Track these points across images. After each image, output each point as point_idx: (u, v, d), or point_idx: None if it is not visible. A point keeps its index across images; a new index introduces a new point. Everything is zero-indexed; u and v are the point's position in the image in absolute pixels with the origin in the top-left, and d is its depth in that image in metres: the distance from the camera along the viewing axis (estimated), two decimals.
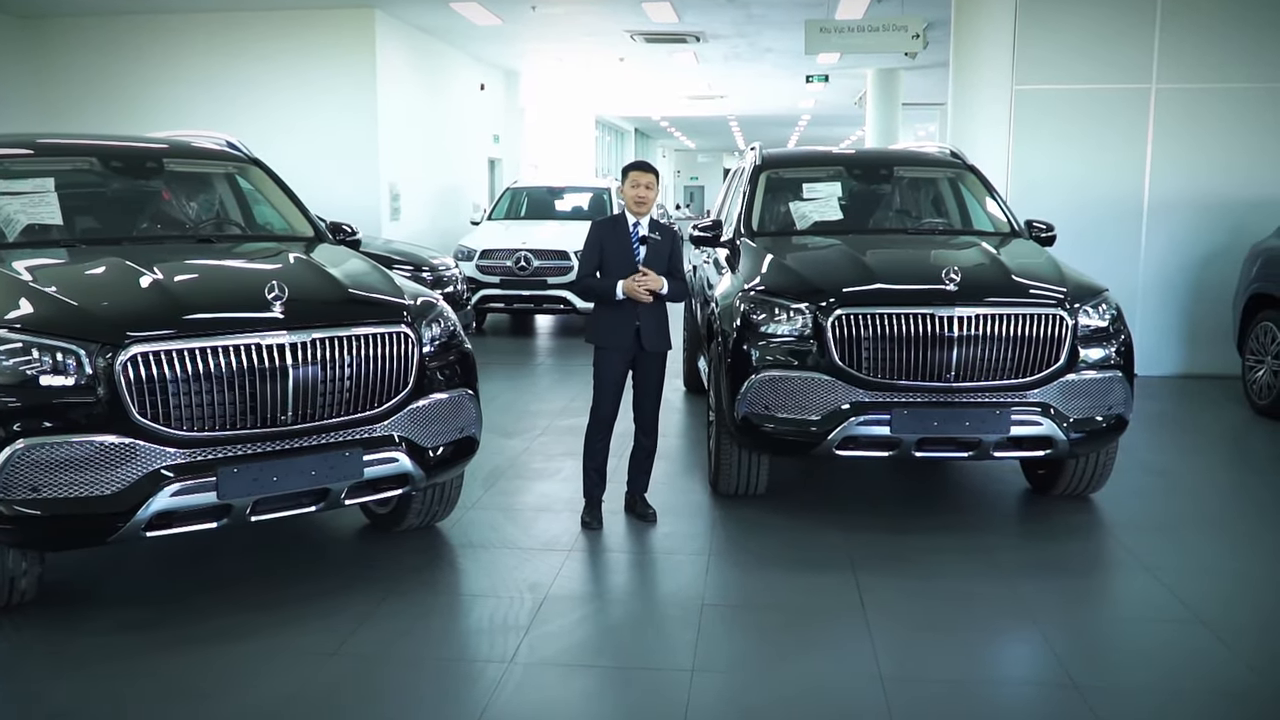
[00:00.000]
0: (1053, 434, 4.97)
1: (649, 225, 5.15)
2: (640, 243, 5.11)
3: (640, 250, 5.10)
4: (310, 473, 4.03)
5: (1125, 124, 9.30)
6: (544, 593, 4.38)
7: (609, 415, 5.23)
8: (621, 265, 5.08)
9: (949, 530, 5.20)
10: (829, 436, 4.98)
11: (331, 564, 4.75)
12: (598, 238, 5.16)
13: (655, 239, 5.14)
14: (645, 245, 5.11)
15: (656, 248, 5.13)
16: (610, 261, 5.11)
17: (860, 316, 4.96)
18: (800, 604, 4.30)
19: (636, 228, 5.14)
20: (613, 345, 5.13)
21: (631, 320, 5.08)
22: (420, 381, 4.39)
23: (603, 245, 5.12)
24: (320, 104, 12.65)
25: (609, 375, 5.18)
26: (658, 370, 5.24)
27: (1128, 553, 4.90)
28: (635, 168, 5.16)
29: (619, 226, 5.16)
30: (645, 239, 5.12)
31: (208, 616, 4.11)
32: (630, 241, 5.11)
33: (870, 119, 19.22)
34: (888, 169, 6.90)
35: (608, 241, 5.12)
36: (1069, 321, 5.01)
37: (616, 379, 5.18)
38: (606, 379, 5.18)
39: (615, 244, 5.11)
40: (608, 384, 5.19)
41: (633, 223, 5.14)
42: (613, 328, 5.12)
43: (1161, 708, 3.45)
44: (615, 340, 5.12)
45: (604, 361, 5.17)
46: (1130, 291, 9.31)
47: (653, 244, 5.12)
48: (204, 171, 5.76)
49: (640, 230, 5.14)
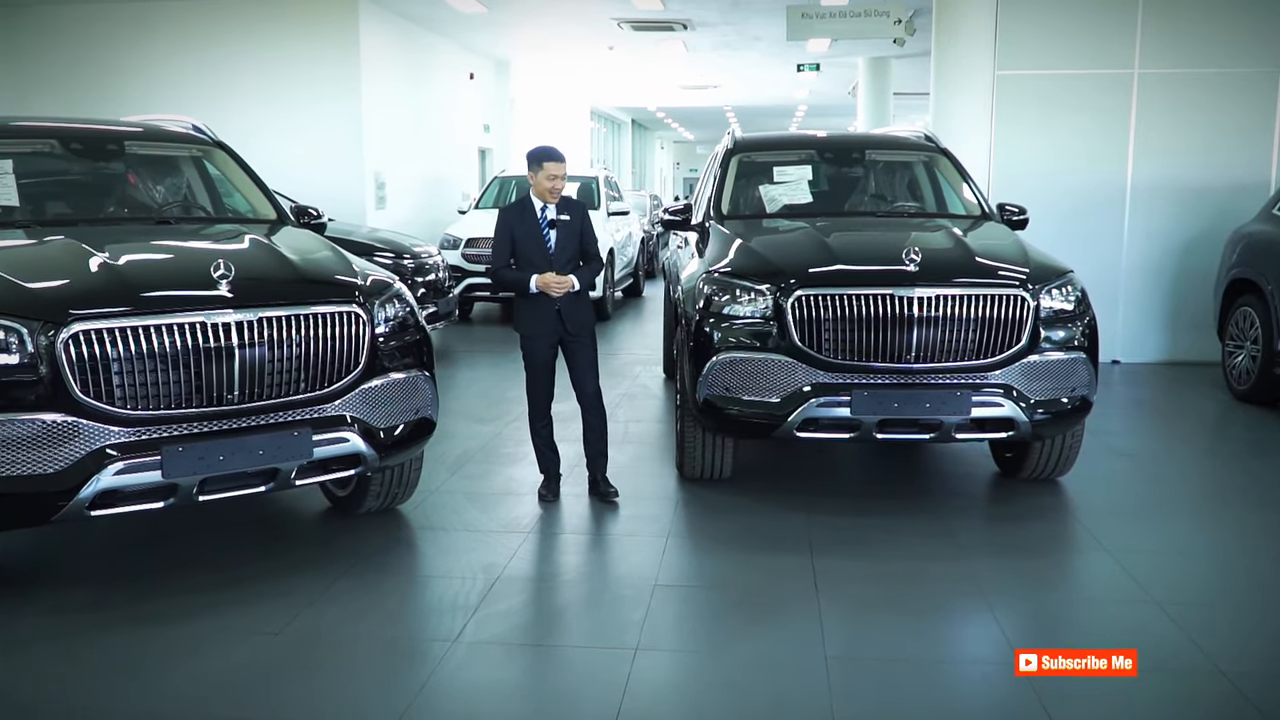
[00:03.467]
0: (1015, 415, 4.94)
1: (557, 206, 5.15)
2: (550, 226, 5.12)
3: (550, 234, 5.12)
4: (258, 452, 4.01)
5: (1108, 109, 9.25)
6: (497, 574, 4.36)
7: (544, 398, 5.30)
8: (533, 251, 5.09)
9: (913, 513, 5.17)
10: (789, 418, 4.95)
11: (288, 546, 4.73)
12: (506, 226, 5.15)
13: (564, 220, 5.15)
14: (555, 229, 5.13)
15: (567, 228, 5.15)
16: (522, 249, 5.12)
17: (820, 297, 4.93)
18: (753, 585, 4.28)
19: (545, 211, 5.14)
20: (537, 333, 5.16)
21: (552, 306, 5.10)
22: (373, 362, 4.37)
23: (513, 233, 5.12)
24: (303, 92, 12.60)
25: (537, 360, 5.22)
26: (588, 348, 5.27)
27: (1089, 535, 4.88)
28: (551, 158, 5.11)
29: (526, 212, 5.15)
30: (555, 222, 5.13)
31: (155, 596, 4.09)
32: (539, 227, 5.12)
33: (862, 109, 19.15)
34: (860, 153, 6.86)
35: (517, 229, 5.12)
36: (1030, 303, 4.97)
37: (545, 362, 5.23)
38: (535, 363, 5.23)
39: (525, 231, 5.11)
40: (538, 368, 5.24)
41: (540, 207, 5.14)
42: (535, 315, 5.14)
43: (1103, 686, 3.43)
44: (539, 328, 5.15)
45: (531, 348, 5.21)
46: (1113, 277, 9.29)
47: (562, 226, 5.14)
48: (168, 155, 5.73)
49: (549, 214, 5.14)
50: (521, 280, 5.06)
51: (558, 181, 5.10)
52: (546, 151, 5.15)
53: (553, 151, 5.17)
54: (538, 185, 5.12)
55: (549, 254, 5.12)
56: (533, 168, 5.14)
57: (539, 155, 5.13)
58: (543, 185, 5.10)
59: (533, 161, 5.14)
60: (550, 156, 5.12)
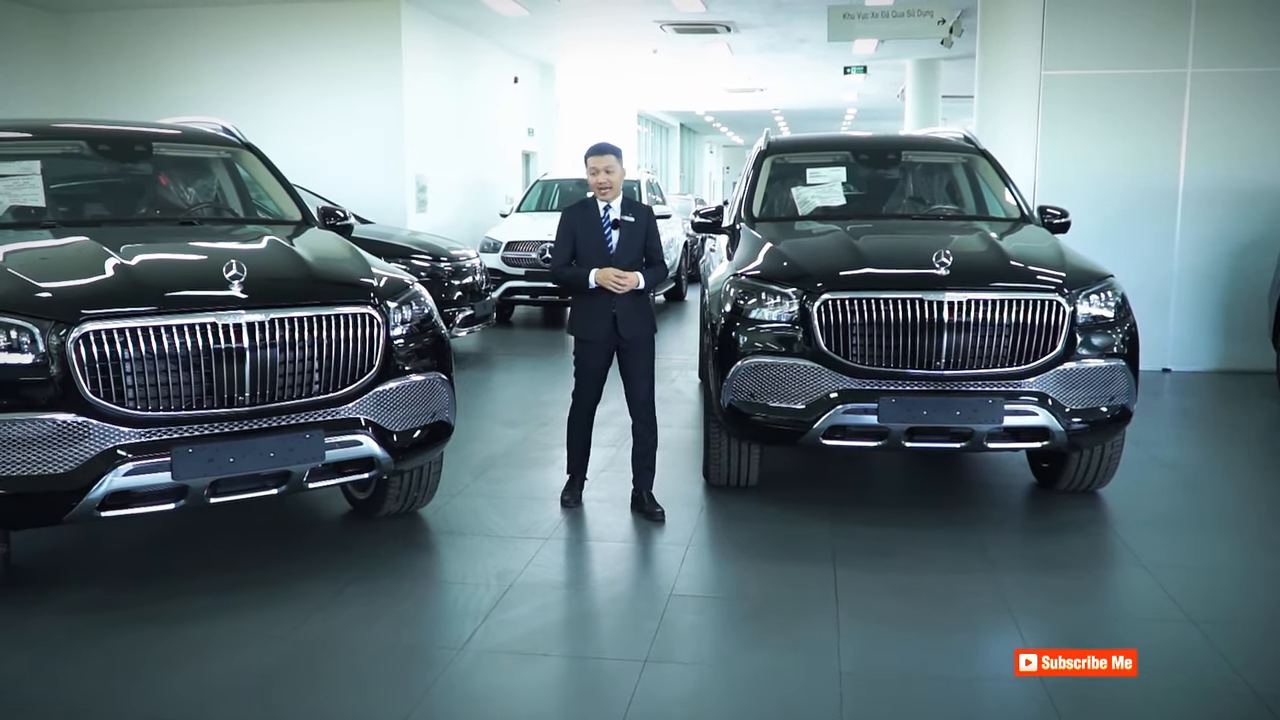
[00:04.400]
0: (1050, 424, 4.77)
1: (622, 206, 4.98)
2: (612, 227, 4.95)
3: (613, 235, 4.94)
4: (269, 454, 3.97)
5: (1159, 110, 8.98)
6: (511, 580, 4.29)
7: (589, 404, 5.13)
8: (595, 252, 4.93)
9: (943, 524, 5.02)
10: (815, 425, 4.82)
11: (304, 548, 4.70)
12: (569, 226, 5.00)
13: (628, 221, 4.97)
14: (618, 229, 4.95)
15: (630, 230, 4.96)
16: (584, 249, 4.96)
17: (847, 302, 4.80)
18: (772, 595, 4.17)
19: (608, 211, 4.97)
20: (591, 336, 4.99)
21: (608, 309, 4.93)
22: (388, 364, 4.32)
23: (575, 233, 4.97)
24: (346, 96, 12.68)
25: (590, 364, 5.05)
26: (644, 358, 5.07)
27: (1126, 549, 4.70)
28: (592, 152, 4.97)
29: (589, 212, 4.99)
30: (618, 222, 4.95)
31: (167, 597, 4.07)
32: (602, 227, 4.95)
33: (910, 112, 18.89)
34: (896, 154, 6.70)
35: (579, 229, 4.96)
36: (1066, 308, 4.80)
37: (598, 368, 5.05)
38: (587, 368, 5.06)
39: (586, 231, 4.95)
40: (589, 373, 5.07)
41: (603, 207, 4.97)
42: (590, 318, 4.98)
43: (1131, 706, 3.27)
44: (593, 331, 4.98)
45: (584, 352, 5.04)
46: (1164, 282, 9.03)
47: (625, 227, 4.95)
48: (197, 156, 5.75)
49: (612, 214, 4.97)
50: (580, 276, 4.90)
51: (602, 175, 4.91)
52: (590, 147, 5.02)
53: (597, 145, 5.01)
54: (590, 182, 4.98)
55: (609, 254, 4.93)
56: (585, 165, 5.03)
57: (585, 152, 5.03)
58: (590, 182, 4.96)
59: (583, 159, 5.05)
60: (593, 150, 4.97)
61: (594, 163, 4.94)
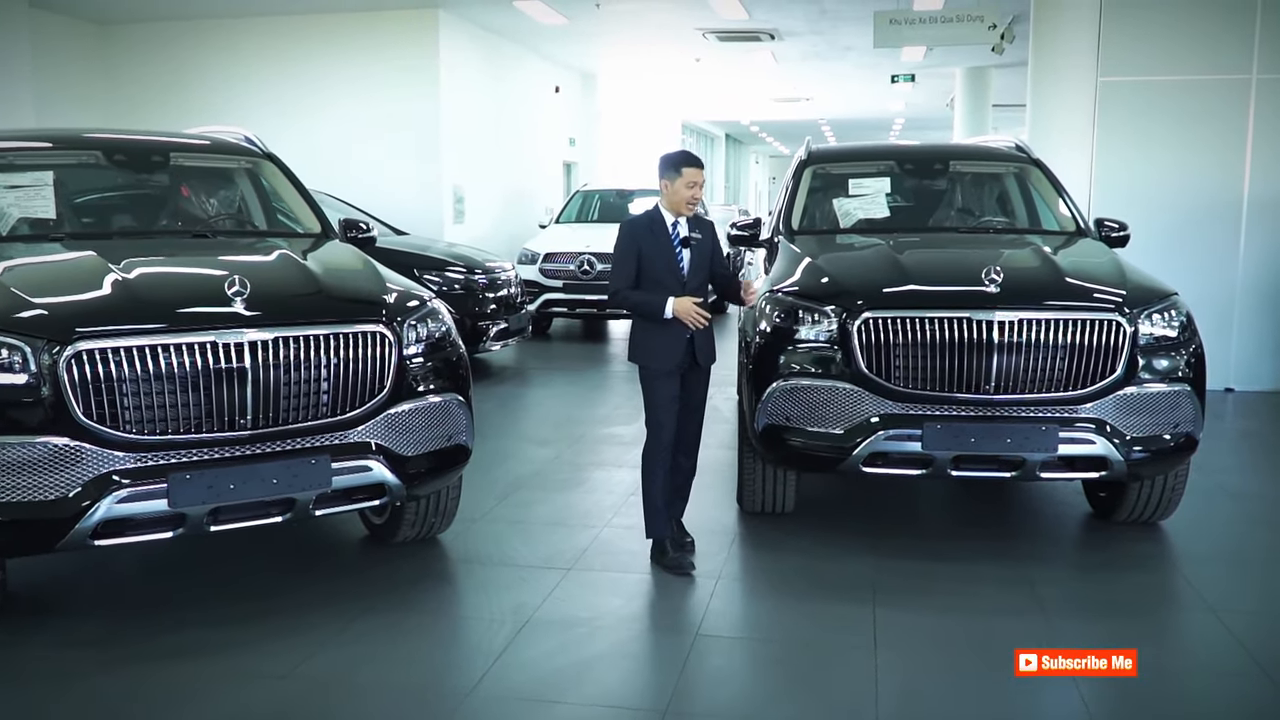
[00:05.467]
0: (1108, 454, 4.44)
1: (689, 222, 4.50)
2: (683, 245, 4.44)
3: (684, 255, 4.44)
4: (272, 481, 3.76)
5: (1223, 117, 8.56)
6: (528, 616, 4.04)
7: (670, 438, 4.52)
8: (664, 274, 4.41)
9: (992, 558, 4.70)
10: (854, 452, 4.53)
11: (314, 578, 4.48)
12: (633, 242, 4.44)
13: (697, 238, 4.48)
14: (688, 248, 4.46)
15: (700, 249, 4.49)
16: (651, 269, 4.42)
17: (890, 321, 4.51)
18: (806, 638, 3.88)
19: (676, 228, 4.46)
20: (665, 365, 4.46)
21: (683, 335, 4.42)
22: (400, 385, 4.10)
23: (640, 251, 4.43)
24: (382, 105, 12.57)
25: (664, 394, 4.48)
26: (705, 384, 4.65)
27: (1192, 590, 4.35)
28: (690, 163, 4.46)
29: (656, 228, 4.45)
30: (688, 240, 4.45)
31: (165, 631, 3.87)
32: (672, 245, 4.43)
33: (959, 121, 18.47)
34: (943, 164, 6.39)
35: (646, 246, 4.42)
36: (1127, 329, 4.47)
37: (672, 396, 4.49)
38: (663, 399, 4.48)
39: (655, 249, 4.42)
40: (665, 404, 4.48)
41: (671, 222, 4.47)
42: (663, 346, 4.45)
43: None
44: (668, 360, 4.45)
45: (656, 383, 4.48)
46: (1226, 299, 8.61)
47: (695, 245, 4.47)
48: (216, 167, 5.59)
49: (681, 230, 4.46)
50: (655, 304, 4.38)
51: (697, 190, 4.43)
52: (685, 156, 4.51)
53: (692, 156, 4.54)
54: (673, 196, 4.43)
55: (681, 277, 4.45)
56: (667, 174, 4.44)
57: (676, 160, 4.46)
58: (680, 195, 4.41)
59: (668, 167, 4.45)
60: (690, 161, 4.46)
61: (694, 175, 4.42)
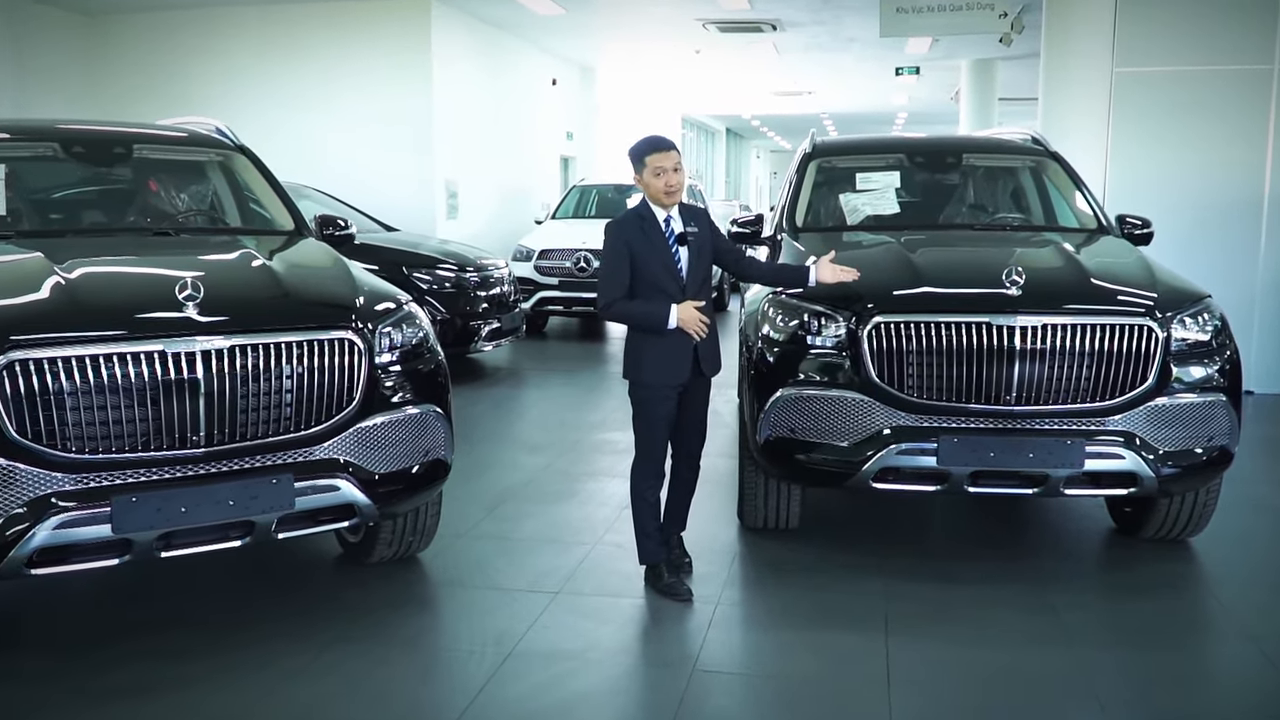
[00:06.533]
0: (1137, 469, 4.11)
1: (682, 215, 4.05)
2: (678, 243, 4.00)
3: (680, 253, 4.00)
4: (228, 503, 3.44)
5: (1243, 109, 8.22)
6: (511, 646, 3.71)
7: (661, 460, 4.13)
8: (661, 276, 3.95)
9: (1011, 580, 4.37)
10: (864, 467, 4.21)
11: (282, 602, 4.15)
12: (623, 244, 3.96)
13: (694, 233, 4.02)
14: (685, 245, 4.01)
15: (698, 244, 4.02)
16: (645, 273, 3.95)
17: (902, 325, 4.18)
18: (811, 675, 3.55)
19: (669, 224, 4.01)
20: (665, 380, 4.01)
21: (688, 346, 4.00)
22: (371, 396, 3.77)
23: (632, 253, 3.96)
24: (374, 98, 12.23)
25: (660, 413, 4.04)
26: (708, 394, 4.24)
27: (1227, 616, 4.02)
28: (653, 147, 3.99)
29: (648, 226, 3.97)
30: (683, 236, 4.00)
31: (113, 668, 3.53)
32: (667, 244, 3.98)
33: (964, 115, 18.10)
34: (956, 157, 6.05)
35: (639, 247, 3.95)
36: (1159, 334, 4.14)
37: (669, 415, 4.07)
38: (657, 416, 4.05)
39: (648, 250, 3.95)
40: (659, 421, 4.06)
41: (663, 219, 4.01)
42: (665, 359, 3.99)
43: None
44: (668, 373, 4.00)
45: (653, 398, 4.04)
46: (1247, 298, 8.27)
47: (693, 241, 4.02)
48: (185, 159, 5.26)
49: (674, 225, 4.02)
50: (657, 315, 3.91)
51: (671, 176, 3.93)
52: (647, 143, 4.03)
53: (660, 139, 4.05)
54: (650, 187, 3.97)
55: (679, 278, 4.00)
56: (637, 167, 4.00)
57: (639, 150, 4.01)
58: (654, 187, 3.95)
59: (635, 158, 4.00)
60: (653, 147, 3.98)
61: (659, 160, 3.94)
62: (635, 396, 4.12)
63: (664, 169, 3.95)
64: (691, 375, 4.07)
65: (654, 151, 3.99)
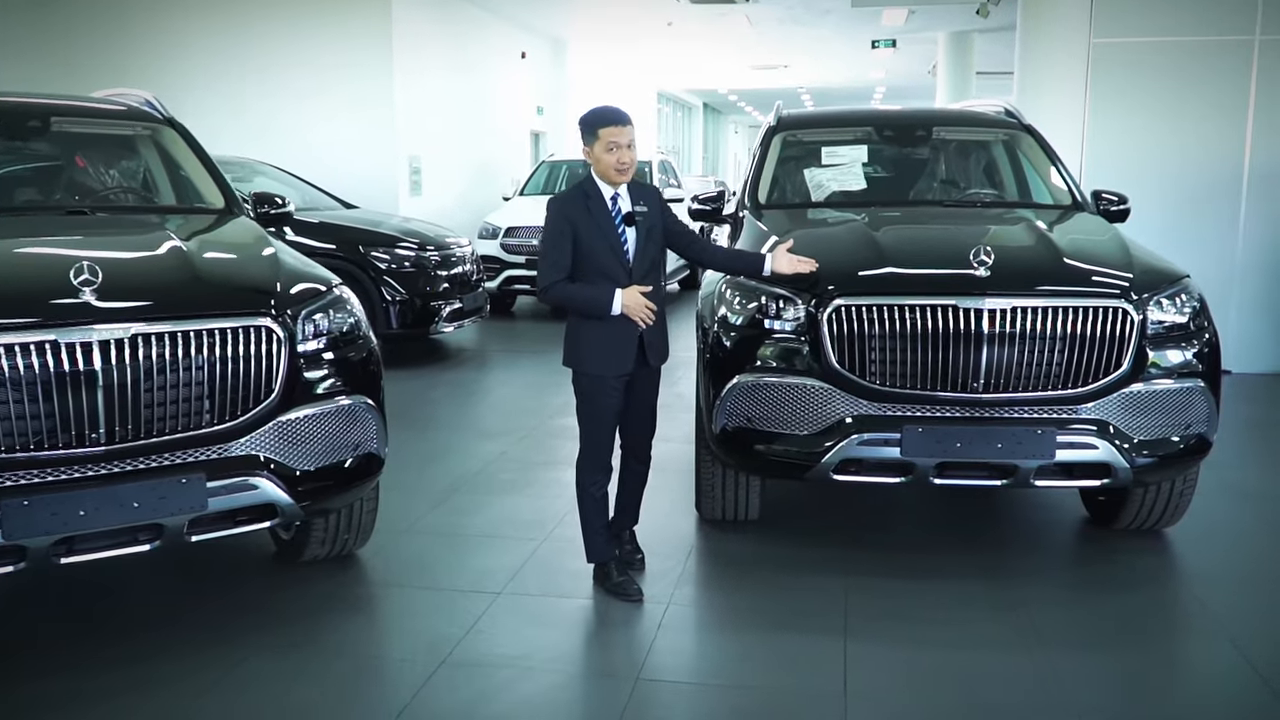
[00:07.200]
0: (1111, 460, 3.90)
1: (631, 193, 3.79)
2: (625, 222, 3.74)
3: (627, 234, 3.74)
4: (133, 505, 3.17)
5: (1223, 81, 7.99)
6: (445, 654, 3.47)
7: (607, 454, 3.88)
8: (605, 258, 3.69)
9: (979, 575, 4.16)
10: (824, 458, 3.97)
11: (209, 606, 3.88)
12: (566, 223, 3.69)
13: (642, 212, 3.76)
14: (632, 225, 3.75)
15: (647, 225, 3.77)
16: (590, 254, 3.69)
17: (864, 309, 3.93)
18: (762, 684, 3.32)
19: (616, 202, 3.76)
20: (609, 369, 3.77)
21: (633, 334, 3.74)
22: (293, 388, 3.51)
23: (576, 233, 3.70)
24: (334, 69, 11.81)
25: (606, 405, 3.80)
26: (657, 385, 3.99)
27: (1205, 612, 3.82)
28: (606, 120, 3.70)
29: (593, 204, 3.72)
30: (631, 216, 3.75)
31: (18, 681, 3.27)
32: (613, 224, 3.72)
33: (941, 89, 17.85)
34: (926, 130, 5.79)
35: (582, 227, 3.69)
36: (1134, 317, 3.91)
37: (615, 407, 3.83)
38: (604, 410, 3.81)
39: (593, 230, 3.69)
40: (605, 414, 3.82)
41: (610, 196, 3.76)
42: (609, 347, 3.75)
43: None
44: (616, 364, 3.76)
45: (598, 389, 3.79)
46: (1226, 276, 8.09)
47: (642, 221, 3.76)
48: (108, 134, 4.95)
49: (622, 204, 3.76)
50: (600, 299, 3.66)
51: (624, 152, 3.68)
52: (601, 113, 3.73)
53: (613, 112, 3.74)
54: (598, 164, 3.72)
55: (625, 261, 3.75)
56: (587, 138, 3.73)
57: (591, 121, 3.72)
58: (605, 162, 3.69)
59: (587, 128, 3.73)
60: (608, 119, 3.70)
61: (615, 135, 3.68)
62: (578, 387, 3.88)
63: (618, 144, 3.70)
64: (637, 365, 3.82)
65: (610, 124, 3.71)
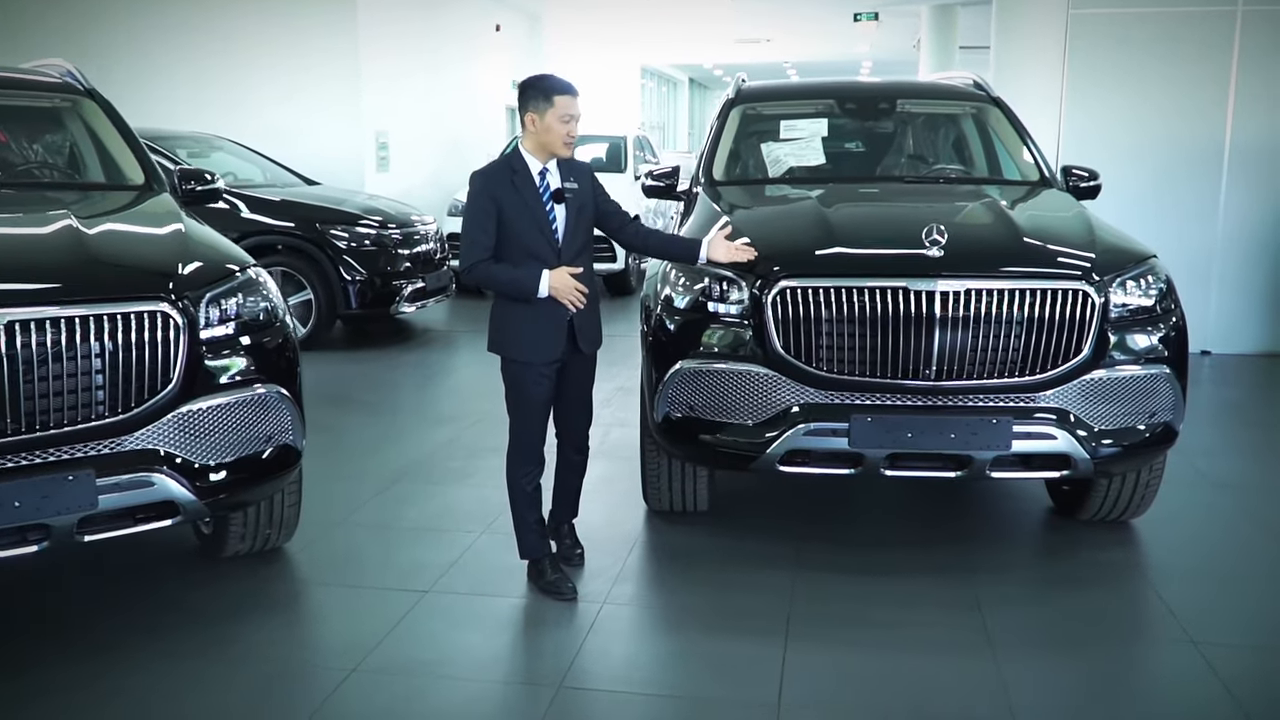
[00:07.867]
0: (1071, 450, 3.69)
1: (561, 169, 3.59)
2: (554, 200, 3.53)
3: (556, 211, 3.53)
4: (13, 505, 2.95)
5: (1204, 52, 7.77)
6: (358, 660, 3.26)
7: (538, 445, 3.67)
8: (531, 237, 3.48)
9: (933, 571, 3.97)
10: (770, 449, 3.77)
11: (118, 606, 3.66)
12: (489, 200, 3.47)
13: (573, 189, 3.57)
14: (562, 203, 3.54)
15: (577, 203, 3.58)
16: (515, 233, 3.48)
17: (810, 291, 3.71)
18: (692, 693, 3.12)
19: (544, 177, 3.55)
20: (541, 357, 3.57)
21: (562, 317, 3.55)
22: (194, 377, 3.28)
23: (500, 210, 3.49)
24: (296, 41, 11.48)
25: (535, 394, 3.60)
26: (592, 372, 3.81)
27: (1169, 614, 3.62)
28: (564, 89, 3.50)
29: (519, 179, 3.50)
30: (560, 193, 3.54)
31: None
32: (541, 201, 3.51)
33: (924, 64, 17.58)
34: (890, 103, 5.55)
35: (508, 204, 3.48)
36: (1095, 299, 3.70)
37: (545, 397, 3.63)
38: (532, 399, 3.61)
39: (518, 207, 3.48)
40: (535, 404, 3.62)
41: (538, 170, 3.55)
42: (537, 333, 3.55)
43: None
44: (544, 350, 3.56)
45: (526, 377, 3.59)
46: (1206, 254, 7.91)
47: (572, 199, 3.56)
48: (28, 106, 4.70)
49: (551, 180, 3.56)
50: (526, 281, 3.46)
51: (573, 125, 3.51)
52: (559, 81, 3.53)
53: (567, 82, 3.55)
54: (545, 134, 3.49)
55: (554, 241, 3.54)
56: (535, 105, 3.49)
57: (546, 87, 3.49)
58: (555, 133, 3.48)
59: (537, 95, 3.49)
60: (566, 88, 3.51)
61: (570, 106, 3.48)
62: (506, 374, 3.67)
63: (573, 116, 3.51)
64: (567, 352, 3.59)
65: (567, 93, 3.51)
